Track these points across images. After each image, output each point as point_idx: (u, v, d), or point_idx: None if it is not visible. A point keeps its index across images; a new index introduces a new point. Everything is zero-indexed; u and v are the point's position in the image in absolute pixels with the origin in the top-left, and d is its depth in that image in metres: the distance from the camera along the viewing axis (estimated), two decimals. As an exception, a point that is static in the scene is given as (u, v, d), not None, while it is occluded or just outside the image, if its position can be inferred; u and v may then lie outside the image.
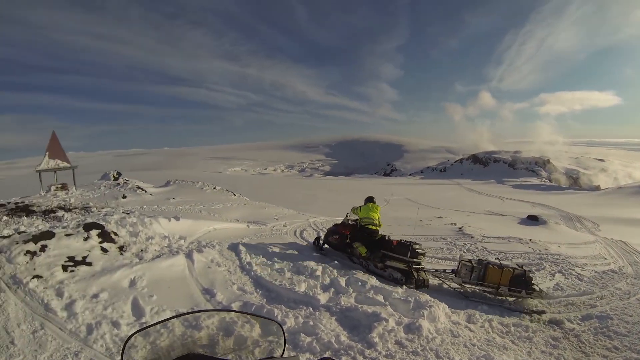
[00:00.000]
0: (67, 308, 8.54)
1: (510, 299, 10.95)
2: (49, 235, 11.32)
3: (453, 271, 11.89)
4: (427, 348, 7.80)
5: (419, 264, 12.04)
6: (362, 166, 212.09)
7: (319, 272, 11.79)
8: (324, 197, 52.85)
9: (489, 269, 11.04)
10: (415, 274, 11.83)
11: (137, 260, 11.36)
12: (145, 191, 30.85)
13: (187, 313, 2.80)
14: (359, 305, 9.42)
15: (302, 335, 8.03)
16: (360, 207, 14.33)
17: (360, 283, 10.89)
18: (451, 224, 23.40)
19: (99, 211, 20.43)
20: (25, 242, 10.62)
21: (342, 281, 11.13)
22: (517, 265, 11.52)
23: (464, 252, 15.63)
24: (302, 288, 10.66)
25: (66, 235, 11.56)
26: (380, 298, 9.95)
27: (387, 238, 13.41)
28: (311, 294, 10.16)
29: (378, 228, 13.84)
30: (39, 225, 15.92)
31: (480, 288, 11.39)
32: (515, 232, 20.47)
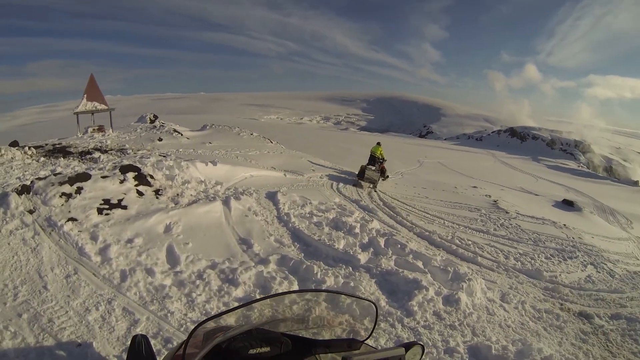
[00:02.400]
0: (101, 252, 8.32)
1: None
2: (84, 177, 11.11)
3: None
4: (465, 323, 7.43)
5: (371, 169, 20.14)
6: (398, 124, 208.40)
7: (357, 230, 11.30)
8: (358, 152, 50.86)
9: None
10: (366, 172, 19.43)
11: (173, 205, 11.11)
12: (182, 134, 30.49)
13: (280, 294, 2.63)
14: (399, 270, 8.99)
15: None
16: (378, 144, 23.84)
17: (399, 246, 10.39)
18: (486, 195, 22.43)
19: (134, 153, 20.27)
20: (61, 183, 10.43)
21: (382, 241, 10.65)
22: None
23: (497, 226, 14.85)
24: (341, 245, 10.30)
25: (102, 177, 11.35)
26: (419, 264, 9.47)
27: (378, 159, 22.03)
28: (351, 253, 9.75)
29: (375, 155, 22.20)
30: (75, 166, 15.79)
31: None
32: (549, 214, 19.20)
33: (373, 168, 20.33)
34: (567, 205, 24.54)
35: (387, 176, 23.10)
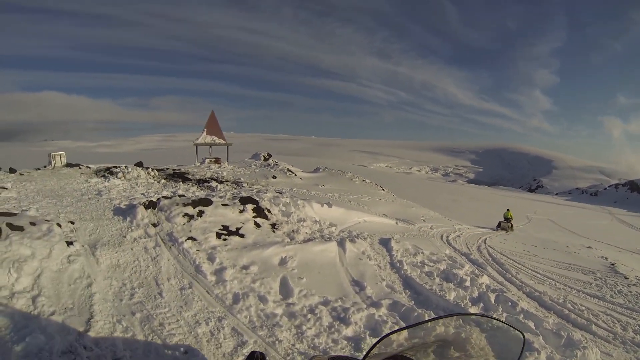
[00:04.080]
0: (217, 273, 8.40)
1: None
2: (206, 202, 11.48)
3: None
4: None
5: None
6: (507, 178, 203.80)
7: (467, 283, 10.72)
8: (465, 205, 51.21)
9: None
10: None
11: (289, 240, 11.05)
12: (295, 174, 31.22)
13: (441, 317, 2.51)
14: None
15: (451, 348, 7.00)
16: (507, 210, 30.02)
17: (510, 303, 9.51)
18: (602, 257, 20.56)
19: (250, 187, 20.80)
20: (185, 205, 10.77)
21: (492, 297, 9.82)
22: None
23: (614, 293, 12.98)
24: (452, 297, 9.73)
25: (223, 205, 11.65)
26: (531, 324, 8.46)
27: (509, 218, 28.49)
28: (462, 305, 9.26)
29: (507, 216, 28.56)
30: (195, 191, 16.39)
31: None
32: None
33: (507, 223, 27.82)
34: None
35: (512, 227, 28.10)
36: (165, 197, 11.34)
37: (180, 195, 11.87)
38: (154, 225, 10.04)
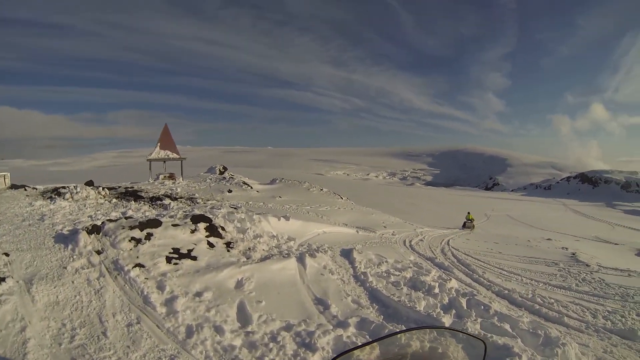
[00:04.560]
0: (167, 304, 7.69)
1: None
2: (155, 223, 10.71)
3: None
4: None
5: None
6: (463, 178, 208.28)
7: (436, 290, 10.41)
8: (425, 207, 52.14)
9: None
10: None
11: (245, 259, 10.41)
12: (251, 187, 30.66)
13: (394, 333, 2.52)
14: (487, 334, 7.88)
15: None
16: (468, 212, 32.84)
17: (482, 307, 9.33)
18: (562, 248, 21.55)
19: (204, 203, 20.08)
20: (132, 227, 10.02)
21: (463, 302, 9.60)
22: None
23: (579, 281, 13.55)
24: (422, 306, 9.32)
25: (173, 225, 10.93)
26: (507, 327, 8.30)
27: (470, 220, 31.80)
28: (434, 315, 8.79)
29: (469, 217, 31.70)
30: (146, 211, 15.68)
31: None
32: (634, 264, 18.00)
33: (469, 223, 31.44)
34: (654, 253, 22.29)
35: (474, 226, 31.64)
36: (111, 220, 10.52)
37: (127, 217, 11.04)
38: (98, 252, 9.22)
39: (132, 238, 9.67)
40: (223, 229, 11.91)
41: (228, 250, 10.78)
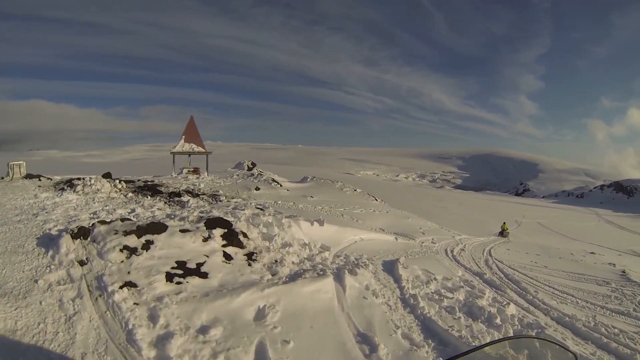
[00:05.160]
0: (158, 345, 5.50)
1: None
2: (159, 228, 8.53)
3: None
4: None
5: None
6: (494, 182, 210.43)
7: (498, 320, 8.89)
8: (455, 211, 51.78)
9: None
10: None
11: (270, 276, 8.21)
12: (281, 185, 28.81)
13: (492, 342, 2.47)
14: None
15: None
16: (504, 222, 35.05)
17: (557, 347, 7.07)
18: (609, 263, 20.84)
19: (228, 201, 18.26)
20: (127, 233, 7.88)
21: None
22: None
23: (636, 305, 12.22)
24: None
25: (181, 230, 8.73)
26: None
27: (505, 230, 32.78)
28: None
29: (505, 228, 32.70)
30: (160, 208, 14.12)
31: None
32: None
33: (505, 233, 32.16)
34: None
35: (509, 234, 32.60)
36: (103, 222, 8.37)
37: (123, 220, 8.65)
38: (82, 263, 7.14)
39: (125, 247, 7.52)
40: (245, 235, 9.72)
41: (249, 264, 8.57)
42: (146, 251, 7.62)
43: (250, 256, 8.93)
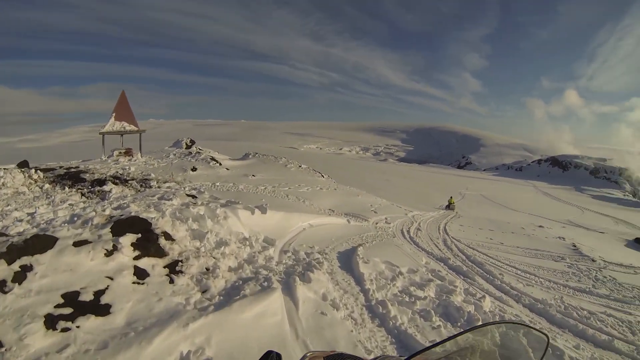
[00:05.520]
0: None
1: None
2: (43, 243, 6.11)
3: None
4: None
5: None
6: (437, 156, 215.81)
7: (479, 321, 7.91)
8: (399, 184, 52.42)
9: None
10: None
11: (199, 295, 6.25)
12: (220, 164, 26.99)
13: (462, 333, 2.03)
14: None
15: None
16: (451, 197, 36.91)
17: (551, 351, 7.23)
18: (559, 237, 21.04)
19: (158, 187, 16.43)
20: (-4, 256, 5.53)
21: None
22: None
23: (593, 282, 12.63)
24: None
25: (75, 244, 6.32)
26: None
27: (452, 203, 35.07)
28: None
29: (451, 202, 35.10)
30: (67, 206, 11.76)
31: None
32: (632, 258, 17.49)
33: (451, 206, 34.56)
34: (641, 244, 23.80)
35: (455, 207, 34.93)
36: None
37: (0, 234, 6.39)
38: None
39: (-10, 278, 5.18)
40: (169, 237, 7.65)
41: (171, 280, 6.50)
42: (19, 284, 5.27)
43: (173, 267, 6.90)
